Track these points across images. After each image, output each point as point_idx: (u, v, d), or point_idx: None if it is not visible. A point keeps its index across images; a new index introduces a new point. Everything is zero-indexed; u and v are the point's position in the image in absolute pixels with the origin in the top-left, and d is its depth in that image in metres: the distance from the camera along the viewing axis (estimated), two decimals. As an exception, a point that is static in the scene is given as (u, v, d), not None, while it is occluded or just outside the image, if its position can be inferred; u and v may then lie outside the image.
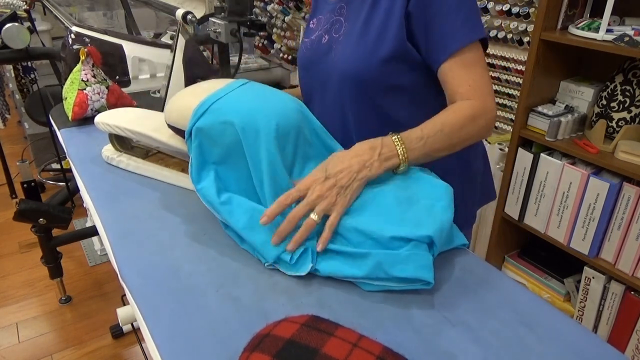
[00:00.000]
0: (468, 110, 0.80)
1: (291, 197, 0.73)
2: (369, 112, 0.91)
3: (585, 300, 1.58)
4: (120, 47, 1.55)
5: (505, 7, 1.71)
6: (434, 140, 0.78)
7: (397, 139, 0.77)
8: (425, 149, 0.78)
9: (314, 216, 0.71)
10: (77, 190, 1.76)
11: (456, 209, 0.79)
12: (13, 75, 2.79)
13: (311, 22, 1.01)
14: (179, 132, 0.89)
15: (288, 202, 0.72)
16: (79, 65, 1.24)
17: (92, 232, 2.07)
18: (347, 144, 0.84)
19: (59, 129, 1.25)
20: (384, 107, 0.90)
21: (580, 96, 1.58)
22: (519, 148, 1.64)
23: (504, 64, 1.80)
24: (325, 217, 0.73)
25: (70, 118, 1.24)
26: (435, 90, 0.89)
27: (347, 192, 0.73)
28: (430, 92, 0.90)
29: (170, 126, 0.89)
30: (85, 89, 1.23)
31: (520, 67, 1.75)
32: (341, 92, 0.91)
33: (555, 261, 1.75)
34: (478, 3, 1.75)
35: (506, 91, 1.85)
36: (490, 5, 1.75)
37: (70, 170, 1.17)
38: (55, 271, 1.94)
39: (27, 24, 1.87)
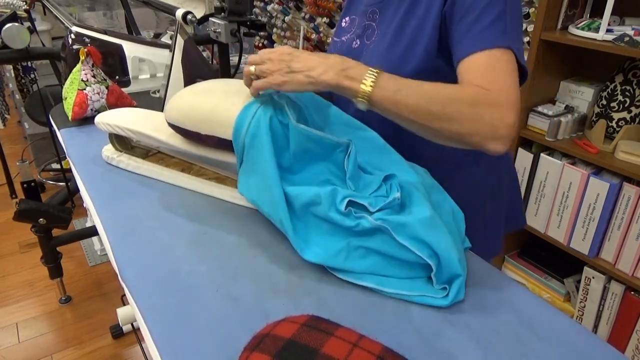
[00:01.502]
0: (473, 91, 0.68)
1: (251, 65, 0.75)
2: (396, 124, 0.86)
3: (585, 300, 1.58)
4: (120, 47, 1.55)
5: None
6: (410, 92, 0.68)
7: (373, 71, 0.69)
8: (395, 96, 0.68)
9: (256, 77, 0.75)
10: (77, 190, 1.76)
11: (476, 235, 0.78)
12: (13, 75, 2.79)
13: (343, 20, 0.97)
14: (179, 130, 0.89)
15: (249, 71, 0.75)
16: (79, 65, 1.24)
17: (92, 232, 2.07)
18: None
19: (59, 129, 1.25)
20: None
21: (580, 96, 1.58)
22: (519, 148, 1.64)
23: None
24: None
25: (70, 118, 1.24)
26: None
27: (288, 77, 0.71)
28: None
29: (170, 125, 0.89)
30: (85, 89, 1.23)
31: (520, 67, 1.75)
32: None
33: (555, 261, 1.75)
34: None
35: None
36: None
37: (70, 170, 1.17)
38: (55, 271, 1.94)
39: (27, 24, 1.87)
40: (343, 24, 0.97)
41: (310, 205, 0.74)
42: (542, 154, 1.58)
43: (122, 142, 1.05)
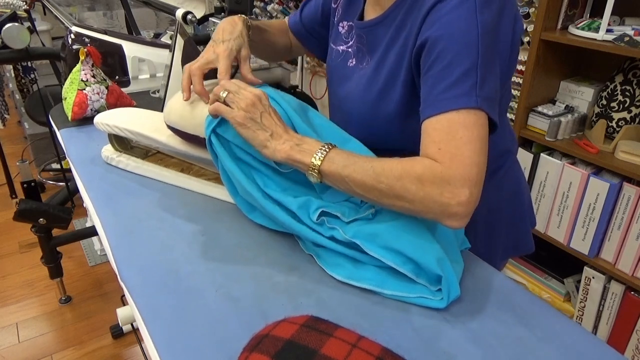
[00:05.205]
0: (420, 166, 0.63)
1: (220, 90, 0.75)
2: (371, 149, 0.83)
3: (585, 301, 1.58)
4: (120, 47, 1.55)
5: (505, 7, 1.70)
6: (357, 168, 0.66)
7: (325, 145, 0.69)
8: (343, 171, 0.67)
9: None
10: (77, 190, 1.76)
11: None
12: (13, 75, 2.79)
13: (340, 24, 0.91)
14: (178, 132, 0.89)
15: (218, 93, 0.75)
16: (78, 65, 1.24)
17: (92, 232, 2.07)
18: None
19: (58, 129, 1.25)
20: (389, 151, 0.81)
21: (580, 96, 1.58)
22: (519, 148, 1.64)
23: (504, 64, 1.80)
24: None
25: (70, 118, 1.24)
26: None
27: (251, 124, 0.72)
28: None
29: (169, 127, 0.89)
30: (84, 89, 1.23)
31: (520, 67, 1.75)
32: (348, 124, 0.86)
33: (555, 261, 1.75)
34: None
35: (506, 91, 1.84)
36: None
37: (70, 170, 1.17)
38: (55, 271, 1.94)
39: (27, 24, 1.87)
40: (340, 29, 0.91)
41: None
42: (542, 154, 1.58)
43: (122, 142, 1.05)
